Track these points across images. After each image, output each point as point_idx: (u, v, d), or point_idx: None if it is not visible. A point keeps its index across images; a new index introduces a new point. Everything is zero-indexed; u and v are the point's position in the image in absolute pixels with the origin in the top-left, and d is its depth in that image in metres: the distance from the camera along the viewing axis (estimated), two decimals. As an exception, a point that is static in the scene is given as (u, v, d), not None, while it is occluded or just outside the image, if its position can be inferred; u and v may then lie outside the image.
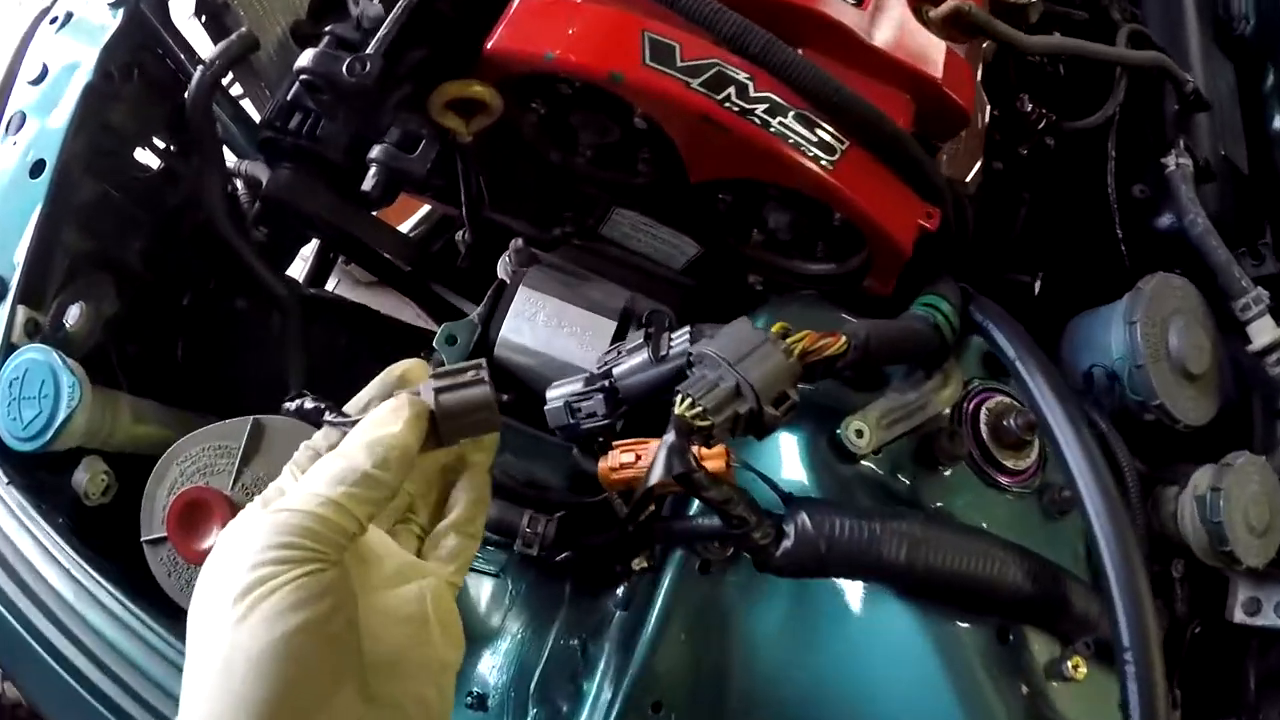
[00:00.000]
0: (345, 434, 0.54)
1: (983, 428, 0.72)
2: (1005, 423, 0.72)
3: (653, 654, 0.66)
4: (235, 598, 0.45)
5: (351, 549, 0.49)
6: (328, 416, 0.57)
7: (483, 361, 0.56)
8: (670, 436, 0.52)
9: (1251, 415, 0.84)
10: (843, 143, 0.69)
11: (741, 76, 0.66)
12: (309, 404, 0.59)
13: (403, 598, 0.52)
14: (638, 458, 0.61)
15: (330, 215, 0.96)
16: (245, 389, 1.06)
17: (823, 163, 0.67)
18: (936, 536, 0.59)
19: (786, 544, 0.57)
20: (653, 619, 0.67)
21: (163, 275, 1.03)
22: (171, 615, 0.79)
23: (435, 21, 0.71)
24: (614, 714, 0.65)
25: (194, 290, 1.07)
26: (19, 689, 0.88)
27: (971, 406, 0.73)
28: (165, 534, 0.81)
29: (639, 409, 0.70)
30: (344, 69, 0.68)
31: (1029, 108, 0.88)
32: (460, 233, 1.00)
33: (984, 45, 0.87)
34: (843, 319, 0.74)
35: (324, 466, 0.50)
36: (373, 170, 0.89)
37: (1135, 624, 0.54)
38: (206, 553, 0.75)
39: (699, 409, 0.53)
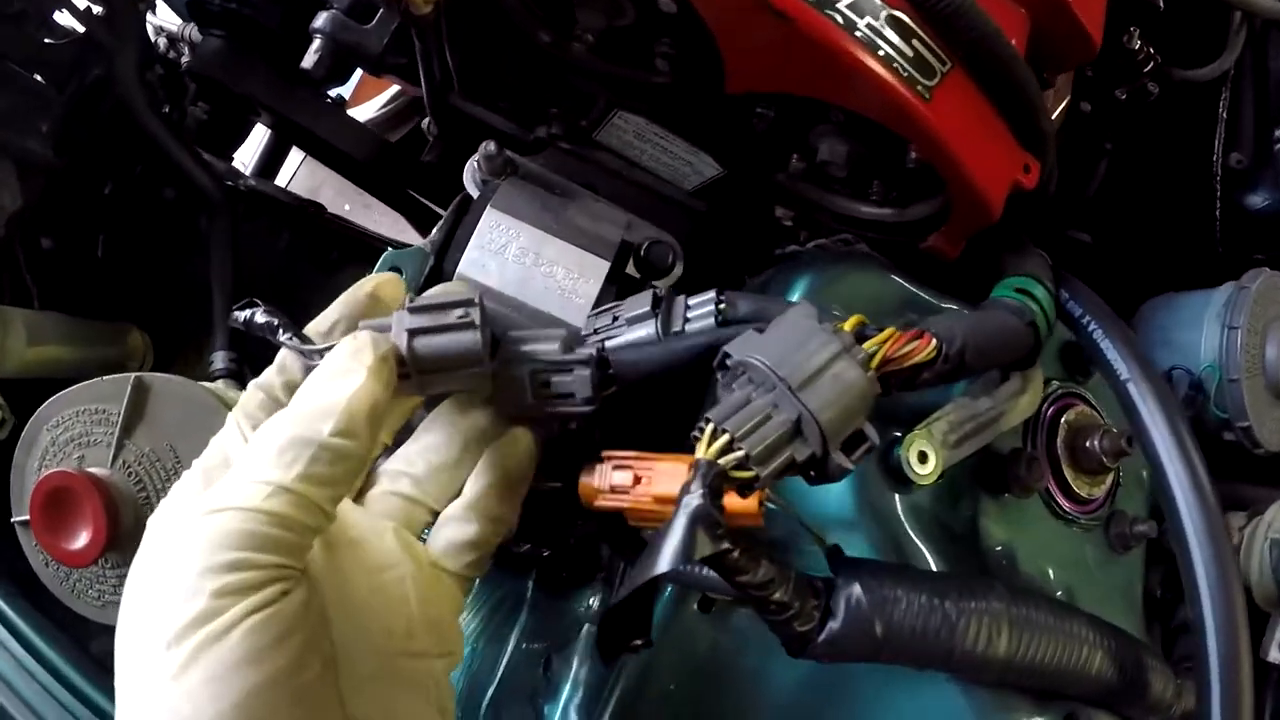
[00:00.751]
0: (306, 367, 0.39)
1: (1059, 445, 0.54)
2: (1088, 444, 0.53)
3: (632, 702, 0.49)
4: (169, 641, 0.31)
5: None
6: (283, 337, 0.41)
7: (478, 297, 0.39)
8: (695, 499, 0.32)
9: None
10: (945, 64, 0.47)
11: (826, -50, 0.44)
12: (260, 317, 0.42)
13: (384, 593, 0.38)
14: (637, 480, 0.42)
15: (266, 96, 0.72)
16: (175, 292, 0.83)
17: (919, 88, 0.46)
18: (1024, 619, 0.40)
19: (833, 626, 0.38)
20: (632, 662, 0.49)
21: (79, 161, 0.78)
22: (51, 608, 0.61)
23: None
24: None
25: (116, 178, 0.83)
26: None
27: (1049, 415, 0.55)
28: (36, 517, 0.60)
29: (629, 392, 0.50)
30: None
31: (1137, 44, 0.67)
32: (426, 120, 0.77)
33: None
34: (913, 293, 0.54)
35: (271, 438, 0.35)
36: (316, 43, 0.65)
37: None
38: (78, 554, 0.54)
39: (739, 453, 0.34)
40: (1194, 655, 0.44)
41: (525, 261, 0.56)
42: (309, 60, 0.65)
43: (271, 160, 1.06)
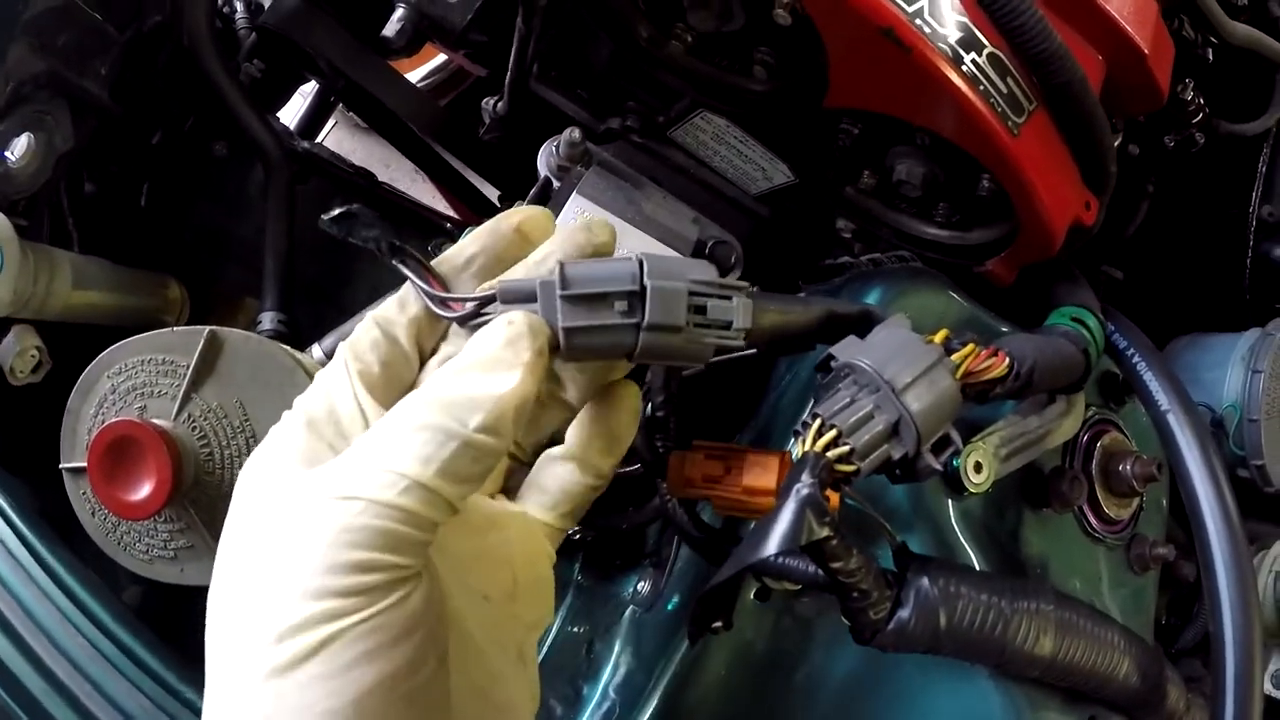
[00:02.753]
0: (436, 321, 0.37)
1: (1094, 468, 0.59)
2: (1121, 468, 0.58)
3: (681, 685, 0.51)
4: (280, 634, 0.30)
5: None
6: (412, 275, 0.37)
7: (640, 273, 0.36)
8: (806, 487, 0.36)
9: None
10: (1031, 103, 0.51)
11: (943, -13, 0.48)
12: (384, 240, 0.37)
13: (487, 557, 0.37)
14: (728, 470, 0.46)
15: (339, 59, 0.74)
16: (216, 248, 0.84)
17: (1009, 123, 0.50)
18: (1068, 622, 0.45)
19: (902, 615, 0.43)
20: (683, 648, 0.52)
21: (131, 107, 0.79)
22: (85, 556, 0.61)
23: None
24: None
25: (166, 128, 0.84)
26: None
27: (1085, 440, 0.59)
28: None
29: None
30: None
31: (1189, 95, 0.72)
32: (492, 100, 0.79)
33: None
34: (973, 313, 0.58)
35: (408, 421, 0.32)
36: (400, 12, 0.67)
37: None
38: (134, 506, 0.54)
39: (845, 447, 0.38)
40: (1211, 668, 0.48)
41: (608, 250, 0.59)
42: (391, 29, 0.67)
43: (310, 126, 1.07)
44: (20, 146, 0.71)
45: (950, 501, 0.52)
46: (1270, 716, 0.76)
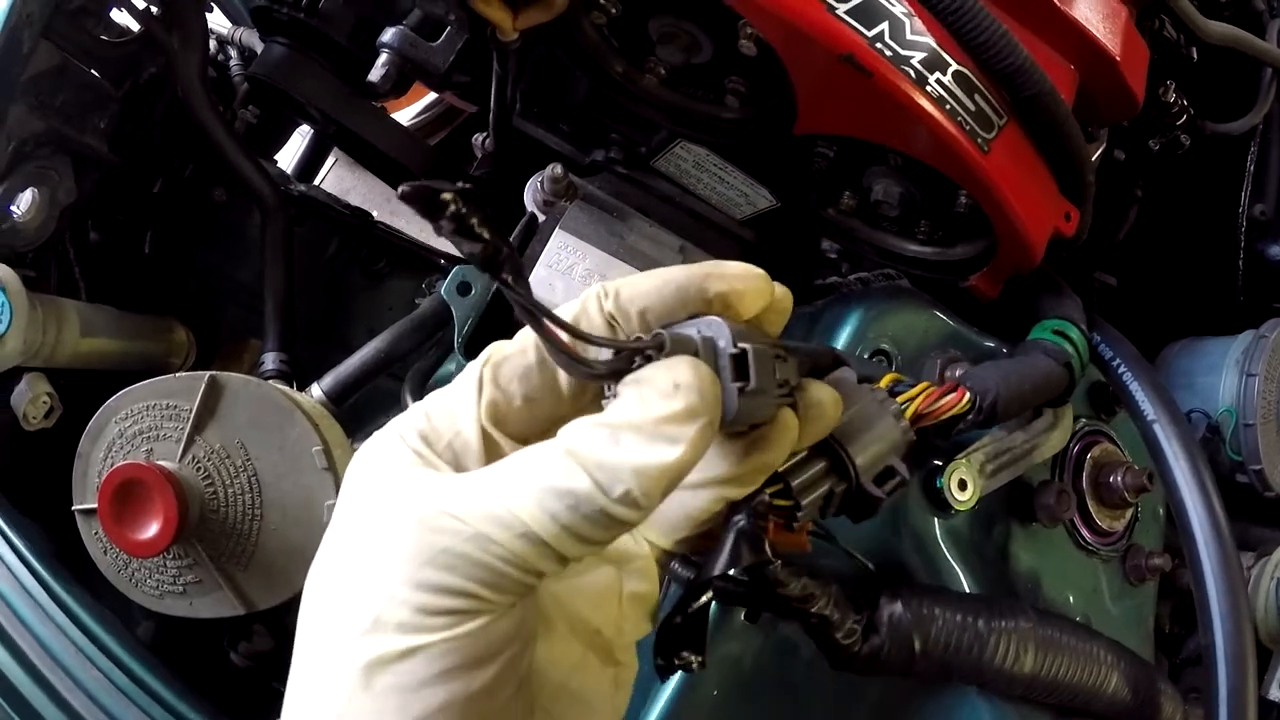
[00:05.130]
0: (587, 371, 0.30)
1: (1084, 480, 0.58)
2: (1112, 480, 0.57)
3: (675, 708, 0.52)
4: (365, 629, 0.28)
5: None
6: (540, 316, 0.28)
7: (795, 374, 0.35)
8: (741, 519, 0.36)
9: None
10: (1002, 118, 0.51)
11: (899, 11, 0.47)
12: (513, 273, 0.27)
13: (590, 591, 0.35)
14: None
15: (327, 104, 0.76)
16: (221, 291, 0.86)
17: (979, 141, 0.50)
18: (1049, 638, 0.45)
19: (875, 641, 0.42)
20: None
21: (132, 158, 0.81)
22: (99, 593, 0.62)
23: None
24: None
25: (166, 177, 0.86)
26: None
27: (1075, 451, 0.59)
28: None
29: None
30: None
31: (1172, 98, 0.71)
32: (481, 136, 0.80)
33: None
34: (955, 329, 0.58)
35: (545, 471, 0.28)
36: (384, 57, 0.68)
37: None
38: (145, 545, 0.57)
39: (779, 485, 0.38)
40: (1204, 681, 0.48)
41: (591, 282, 0.60)
42: (376, 74, 0.69)
43: (309, 166, 1.09)
44: (25, 201, 0.73)
45: (936, 521, 0.52)
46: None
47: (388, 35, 0.68)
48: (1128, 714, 0.50)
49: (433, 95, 1.13)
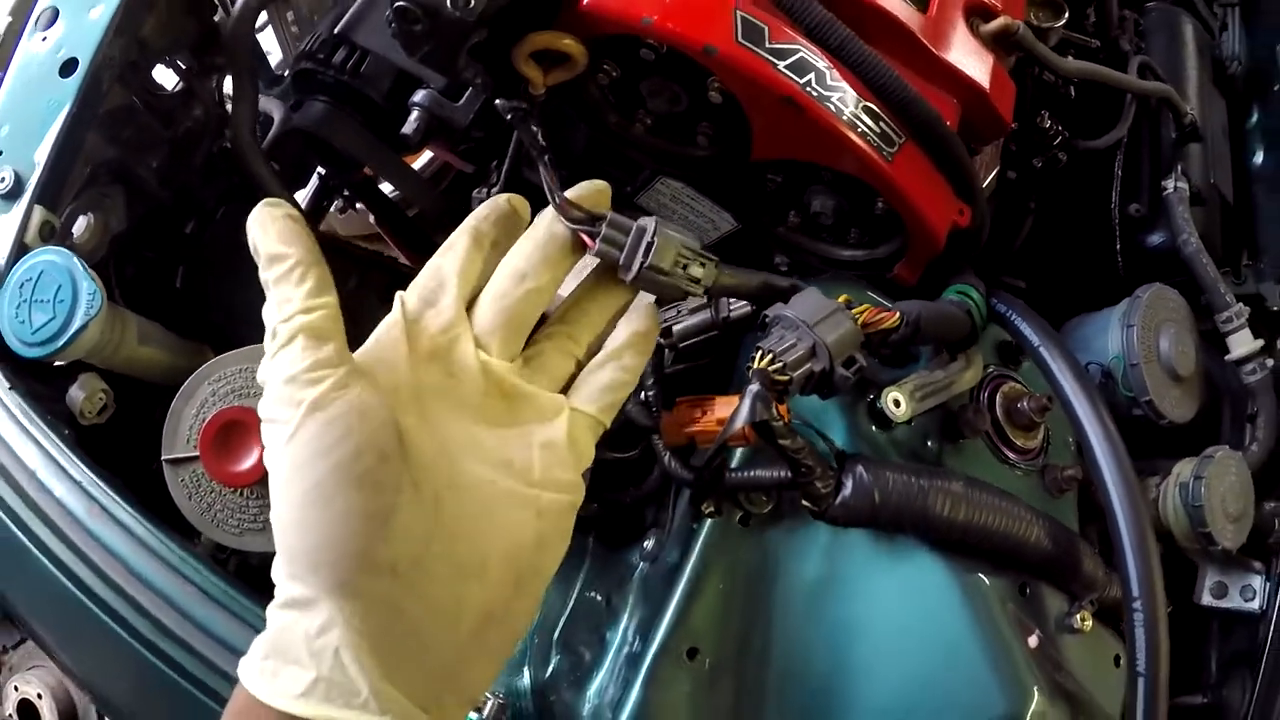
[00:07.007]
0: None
1: (998, 409, 0.85)
2: (1019, 405, 0.84)
3: (690, 601, 0.74)
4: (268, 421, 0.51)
5: (497, 390, 0.55)
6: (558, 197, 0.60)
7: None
8: (755, 386, 0.62)
9: (1220, 419, 1.00)
10: (900, 137, 0.80)
11: (821, 65, 0.76)
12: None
13: (544, 429, 0.55)
14: (704, 413, 0.71)
15: (363, 153, 1.03)
16: (246, 325, 1.11)
17: (884, 153, 0.78)
18: (978, 496, 0.70)
19: (845, 493, 0.68)
20: (689, 567, 0.75)
21: (173, 198, 1.07)
22: (187, 537, 0.84)
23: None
24: (649, 658, 0.73)
25: (199, 218, 1.12)
26: (13, 610, 0.91)
27: (987, 391, 0.85)
28: (190, 454, 0.87)
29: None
30: (448, 1, 0.71)
31: (1047, 124, 1.02)
32: (483, 189, 1.07)
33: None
34: (879, 301, 0.85)
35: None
36: (415, 114, 0.96)
37: (1145, 577, 0.66)
38: (240, 475, 0.84)
39: (779, 364, 0.63)
40: (1110, 533, 0.69)
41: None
42: (409, 128, 0.95)
43: (315, 210, 1.36)
44: (83, 225, 0.97)
45: (882, 434, 0.77)
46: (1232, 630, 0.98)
47: (419, 96, 0.95)
48: (1052, 565, 0.75)
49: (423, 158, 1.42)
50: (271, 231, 0.56)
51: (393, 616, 0.48)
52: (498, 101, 0.73)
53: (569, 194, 0.62)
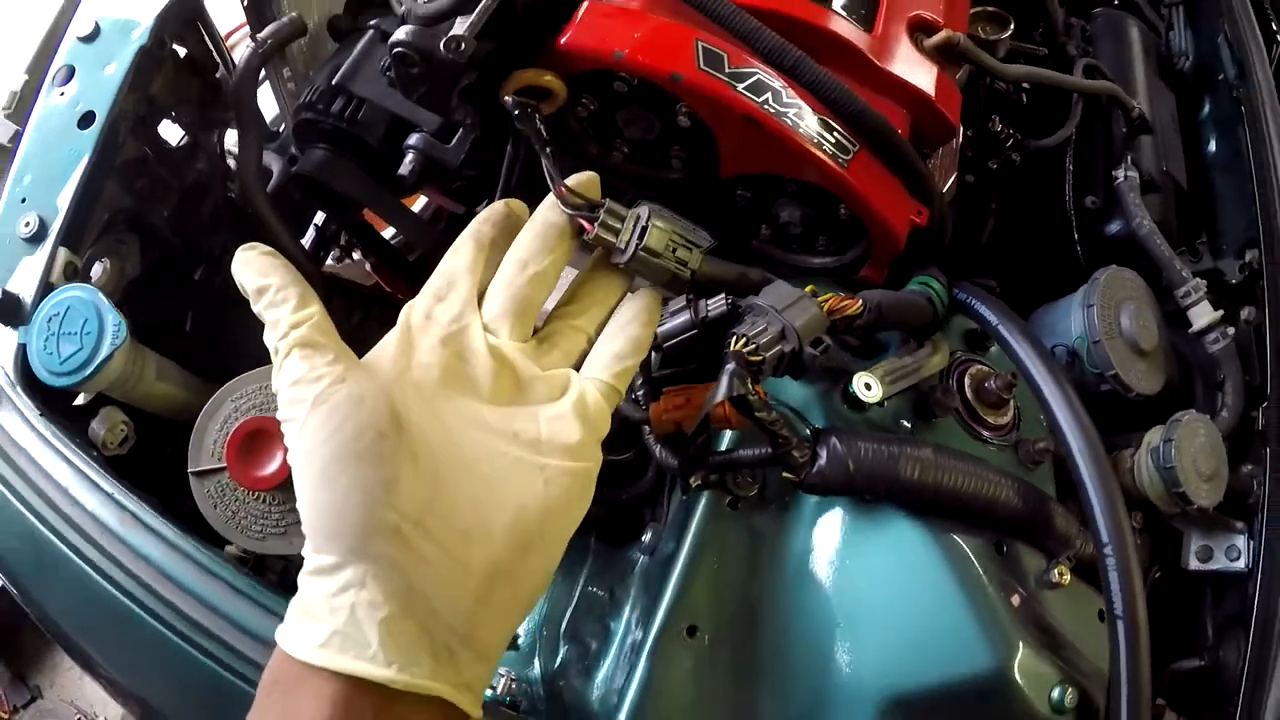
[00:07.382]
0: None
1: (967, 390, 0.93)
2: (986, 385, 0.92)
3: (687, 582, 0.82)
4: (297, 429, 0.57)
5: (504, 370, 0.62)
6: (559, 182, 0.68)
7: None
8: (731, 365, 0.71)
9: (1193, 391, 1.08)
10: (854, 145, 0.89)
11: (777, 84, 0.86)
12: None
13: (554, 402, 0.62)
14: (687, 400, 0.80)
15: (363, 195, 1.13)
16: (254, 366, 1.21)
17: (839, 161, 0.88)
18: (946, 461, 0.78)
19: (820, 463, 0.76)
20: (685, 550, 0.83)
21: (184, 245, 1.18)
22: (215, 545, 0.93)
23: (507, 19, 0.89)
24: (651, 638, 0.81)
25: (208, 265, 1.22)
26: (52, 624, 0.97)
27: (956, 374, 0.94)
28: (216, 465, 0.96)
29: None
30: (441, 45, 0.81)
31: (999, 128, 1.12)
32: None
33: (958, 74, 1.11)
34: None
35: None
36: (410, 156, 1.06)
37: (1112, 521, 0.73)
38: (264, 479, 0.94)
39: (752, 346, 0.72)
40: (1074, 482, 0.77)
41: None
42: (405, 169, 1.05)
43: (316, 251, 1.46)
44: (99, 270, 1.07)
45: (855, 416, 0.86)
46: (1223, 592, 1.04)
47: (413, 139, 1.05)
48: (1024, 523, 0.82)
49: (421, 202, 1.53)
50: (252, 269, 0.63)
51: (400, 576, 0.54)
52: (506, 98, 0.83)
53: (568, 182, 0.69)
